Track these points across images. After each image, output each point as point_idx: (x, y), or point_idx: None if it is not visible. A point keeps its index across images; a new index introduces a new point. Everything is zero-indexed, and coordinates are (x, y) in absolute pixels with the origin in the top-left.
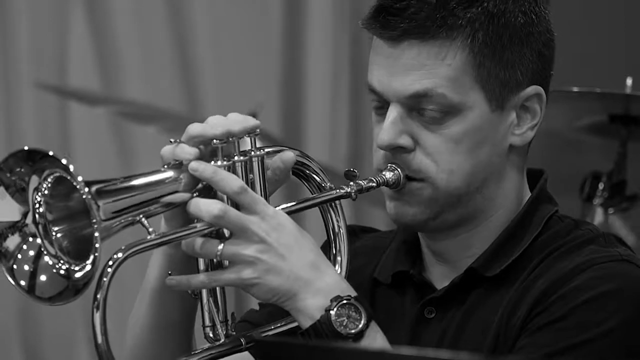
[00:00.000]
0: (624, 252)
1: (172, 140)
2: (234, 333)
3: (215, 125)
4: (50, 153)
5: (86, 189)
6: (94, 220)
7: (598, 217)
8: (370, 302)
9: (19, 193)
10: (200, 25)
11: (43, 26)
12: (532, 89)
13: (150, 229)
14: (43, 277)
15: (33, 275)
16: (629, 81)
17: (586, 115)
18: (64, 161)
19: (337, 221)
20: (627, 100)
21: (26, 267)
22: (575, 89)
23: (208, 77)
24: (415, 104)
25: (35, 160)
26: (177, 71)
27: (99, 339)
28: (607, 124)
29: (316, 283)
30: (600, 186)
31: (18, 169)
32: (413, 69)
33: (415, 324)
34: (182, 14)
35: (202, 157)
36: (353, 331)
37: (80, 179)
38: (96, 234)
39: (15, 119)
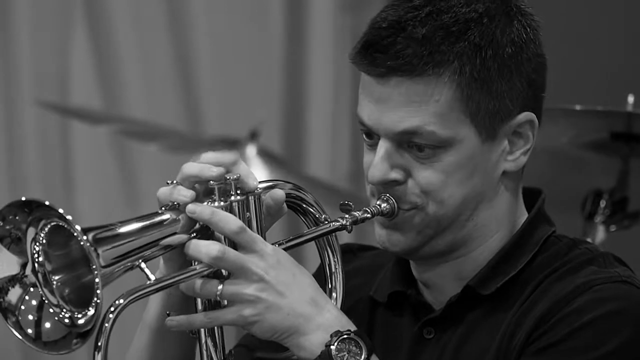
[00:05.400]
0: (624, 273)
1: (168, 182)
2: None
3: (211, 166)
4: (47, 203)
5: (85, 237)
6: (94, 267)
7: (600, 235)
8: (369, 322)
9: (15, 243)
10: (202, 44)
11: (45, 44)
12: (524, 116)
13: (150, 275)
14: (47, 325)
15: (38, 324)
16: (631, 99)
17: (588, 133)
18: (60, 211)
19: (334, 260)
20: (629, 118)
21: (30, 317)
22: (578, 107)
23: (209, 95)
24: (405, 139)
25: (32, 209)
26: (178, 89)
27: None
28: (608, 141)
29: (316, 319)
30: (602, 204)
31: (12, 217)
32: (401, 105)
33: (414, 344)
34: (184, 32)
35: (198, 196)
36: None
37: (78, 227)
38: (97, 281)
39: (17, 138)
